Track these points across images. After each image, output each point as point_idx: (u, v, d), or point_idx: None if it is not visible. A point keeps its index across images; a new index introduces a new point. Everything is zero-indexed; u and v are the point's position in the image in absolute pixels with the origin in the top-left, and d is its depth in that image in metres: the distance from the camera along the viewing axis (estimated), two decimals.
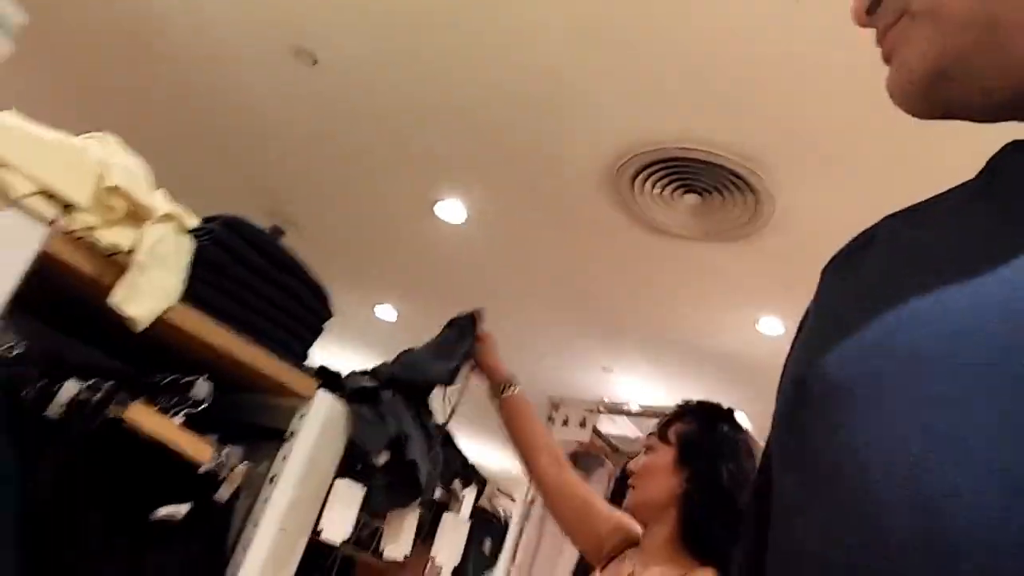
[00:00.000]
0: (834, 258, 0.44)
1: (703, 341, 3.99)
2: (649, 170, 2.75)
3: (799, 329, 0.44)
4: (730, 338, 3.85)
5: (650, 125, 2.56)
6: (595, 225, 3.27)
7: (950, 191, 0.39)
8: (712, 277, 3.39)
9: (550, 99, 2.61)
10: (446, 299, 4.57)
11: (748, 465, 1.21)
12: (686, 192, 2.82)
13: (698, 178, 2.74)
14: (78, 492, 1.04)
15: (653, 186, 2.84)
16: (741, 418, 2.77)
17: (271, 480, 1.31)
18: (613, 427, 4.24)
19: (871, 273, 0.37)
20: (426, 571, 1.66)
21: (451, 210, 3.61)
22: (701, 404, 1.34)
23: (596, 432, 3.92)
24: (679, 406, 1.35)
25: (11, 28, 1.00)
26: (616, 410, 4.12)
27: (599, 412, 3.96)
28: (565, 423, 3.93)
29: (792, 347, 0.43)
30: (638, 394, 4.83)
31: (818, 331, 0.39)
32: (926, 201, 0.40)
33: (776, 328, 3.58)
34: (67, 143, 1.06)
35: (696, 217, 2.92)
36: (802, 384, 0.35)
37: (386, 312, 5.26)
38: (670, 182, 2.80)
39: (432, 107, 2.89)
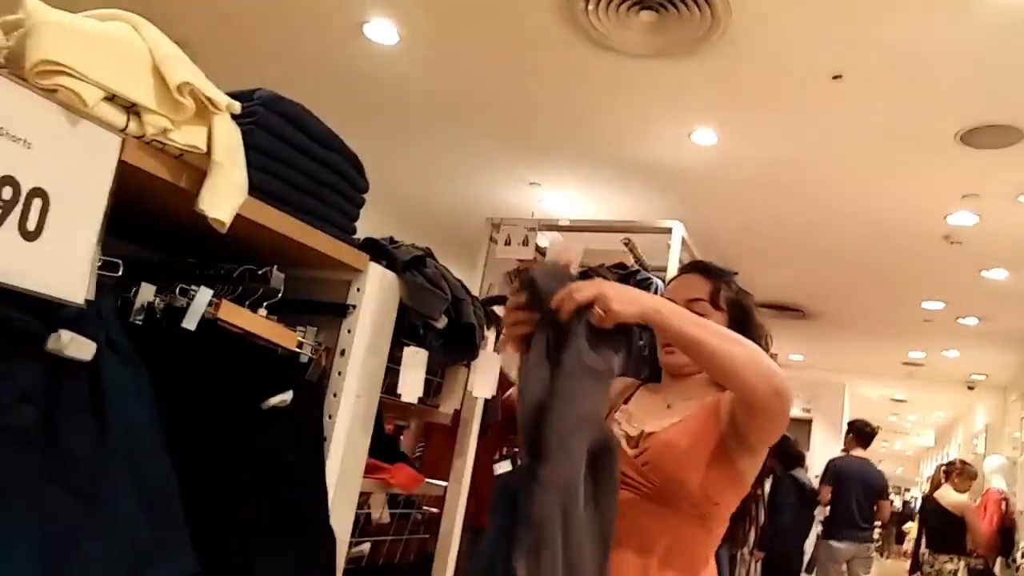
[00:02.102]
0: None
1: (635, 153, 4.10)
2: None
3: None
4: (662, 149, 3.98)
5: None
6: (541, 44, 3.18)
7: None
8: (654, 93, 3.43)
9: None
10: (377, 129, 4.40)
11: None
12: (641, 9, 2.76)
13: None
14: (197, 393, 1.07)
15: (608, 3, 2.76)
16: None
17: (342, 353, 1.36)
18: (548, 242, 4.42)
19: None
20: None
21: (381, 30, 3.38)
22: (717, 268, 1.43)
23: (537, 249, 4.08)
24: (707, 266, 1.43)
25: None
26: (551, 226, 4.27)
27: (538, 230, 4.11)
28: (507, 242, 4.06)
29: None
30: (566, 209, 4.98)
31: None
32: None
33: (710, 138, 3.72)
34: (119, 36, 0.95)
35: (649, 35, 2.89)
36: None
37: None
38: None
39: None
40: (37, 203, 0.83)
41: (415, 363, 1.44)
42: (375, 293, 1.40)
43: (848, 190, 4.14)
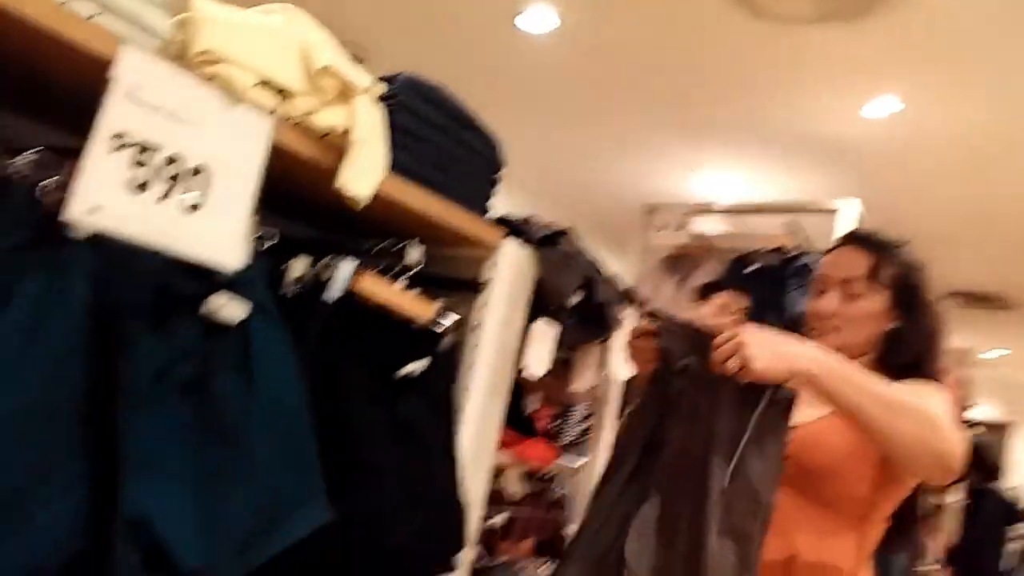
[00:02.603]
0: None
1: (804, 128, 3.84)
2: None
3: None
4: (835, 123, 3.69)
5: None
6: (701, 17, 3.06)
7: None
8: (825, 61, 3.19)
9: None
10: (530, 115, 4.45)
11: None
12: None
13: None
14: (338, 359, 1.15)
15: None
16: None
17: (476, 327, 1.40)
18: (707, 227, 4.26)
19: None
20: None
21: (538, 17, 3.40)
22: (881, 238, 1.28)
23: (693, 234, 3.95)
24: (866, 236, 1.30)
25: None
26: (707, 210, 4.11)
27: (695, 214, 3.97)
28: (663, 228, 3.96)
29: None
30: (727, 190, 4.77)
31: None
32: None
33: (893, 107, 3.40)
34: (270, 27, 1.03)
35: None
36: None
37: None
38: None
39: None
40: (199, 179, 0.93)
41: (543, 337, 1.45)
42: (509, 268, 1.43)
43: None
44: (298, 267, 1.19)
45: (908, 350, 1.24)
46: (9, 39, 0.83)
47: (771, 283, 3.22)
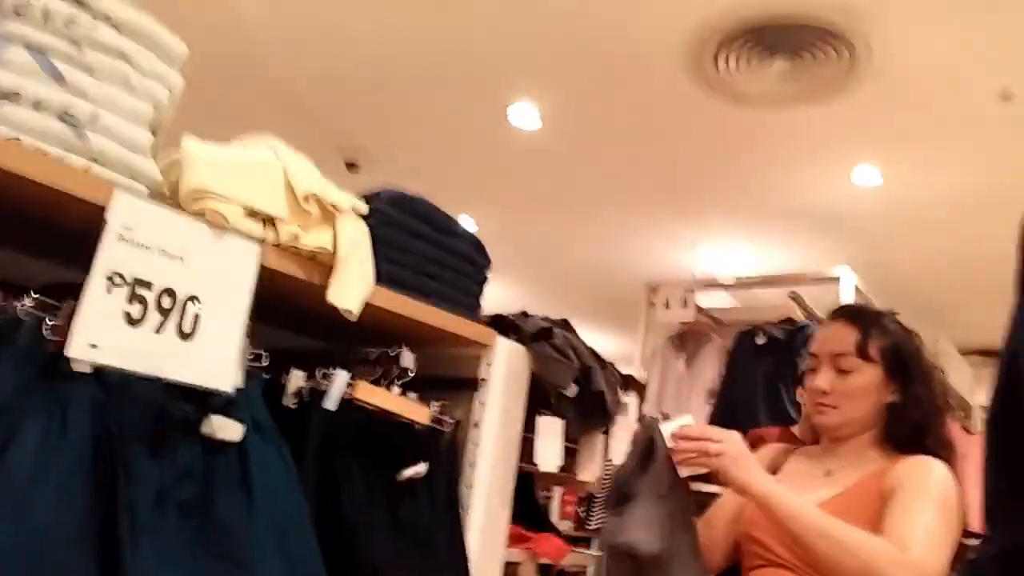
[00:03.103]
0: None
1: (795, 201, 3.94)
2: (734, 42, 2.66)
3: None
4: (823, 194, 3.79)
5: None
6: (678, 107, 3.21)
7: None
8: (802, 139, 3.31)
9: None
10: (526, 205, 4.60)
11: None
12: (773, 57, 2.72)
13: (785, 40, 2.63)
14: (338, 466, 1.17)
15: (738, 58, 2.75)
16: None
17: (475, 425, 1.42)
18: (712, 301, 4.29)
19: None
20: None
21: (524, 115, 3.57)
22: (868, 311, 1.30)
23: (699, 310, 3.98)
24: (855, 311, 1.32)
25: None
26: (712, 284, 4.15)
27: (698, 289, 4.01)
28: (667, 306, 4.00)
29: None
30: (729, 264, 4.84)
31: None
32: None
33: (873, 178, 3.50)
34: (255, 160, 1.11)
35: (786, 81, 2.83)
36: None
37: (466, 224, 5.35)
38: (756, 49, 2.70)
39: (497, 10, 2.81)
40: (192, 308, 0.99)
41: (550, 431, 1.47)
42: (504, 365, 1.46)
43: None
44: (295, 380, 1.24)
45: (907, 424, 1.22)
46: (13, 192, 0.91)
47: (780, 355, 3.23)
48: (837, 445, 1.27)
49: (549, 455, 1.49)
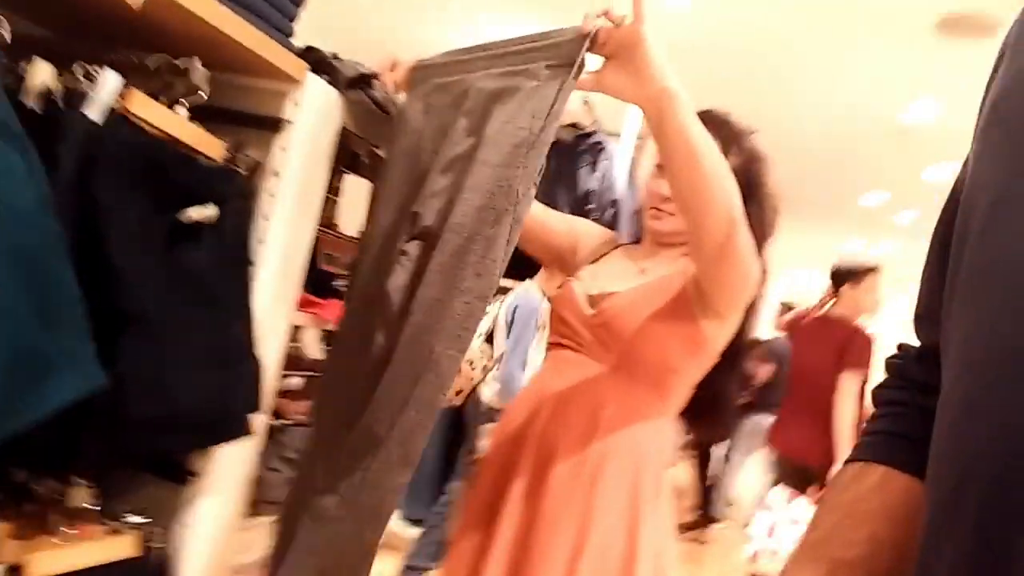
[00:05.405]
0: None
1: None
2: None
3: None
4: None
5: None
6: None
7: None
8: None
9: None
10: None
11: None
12: None
13: None
14: (102, 194, 0.94)
15: None
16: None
17: (275, 174, 1.23)
18: None
19: None
20: None
21: None
22: (733, 125, 1.24)
23: None
24: (712, 117, 1.16)
25: None
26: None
27: None
28: None
29: None
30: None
31: None
32: None
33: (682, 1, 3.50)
34: None
35: None
36: None
37: None
38: None
39: None
40: None
41: (356, 194, 1.32)
42: (314, 110, 1.26)
43: (822, 74, 4.00)
44: (41, 73, 0.94)
45: None
46: None
47: (562, 159, 3.28)
48: (659, 249, 1.28)
49: (352, 218, 1.35)
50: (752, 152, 1.23)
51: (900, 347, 0.53)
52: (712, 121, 1.16)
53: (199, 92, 1.05)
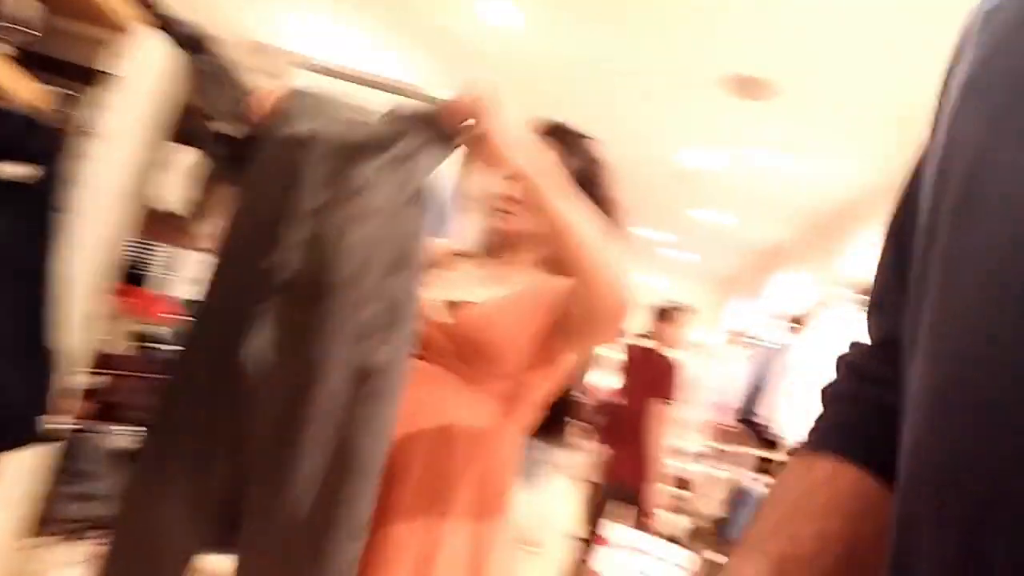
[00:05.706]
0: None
1: (424, 24, 3.81)
2: None
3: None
4: (453, 20, 3.74)
5: None
6: None
7: None
8: None
9: None
10: None
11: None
12: None
13: None
14: None
15: None
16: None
17: (94, 134, 1.06)
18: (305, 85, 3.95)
19: None
20: None
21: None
22: (574, 133, 1.26)
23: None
24: (552, 132, 1.22)
25: None
26: (308, 65, 3.82)
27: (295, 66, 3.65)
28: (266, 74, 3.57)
29: None
30: (330, 50, 4.52)
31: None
32: None
33: (515, 20, 3.57)
34: None
35: None
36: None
37: None
38: None
39: None
40: None
41: (182, 168, 1.18)
42: (146, 66, 1.11)
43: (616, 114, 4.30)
44: None
45: None
46: None
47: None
48: (503, 253, 1.27)
49: (173, 193, 1.20)
50: (590, 156, 1.27)
51: (852, 345, 0.52)
52: (552, 132, 1.20)
53: (24, 29, 0.88)
